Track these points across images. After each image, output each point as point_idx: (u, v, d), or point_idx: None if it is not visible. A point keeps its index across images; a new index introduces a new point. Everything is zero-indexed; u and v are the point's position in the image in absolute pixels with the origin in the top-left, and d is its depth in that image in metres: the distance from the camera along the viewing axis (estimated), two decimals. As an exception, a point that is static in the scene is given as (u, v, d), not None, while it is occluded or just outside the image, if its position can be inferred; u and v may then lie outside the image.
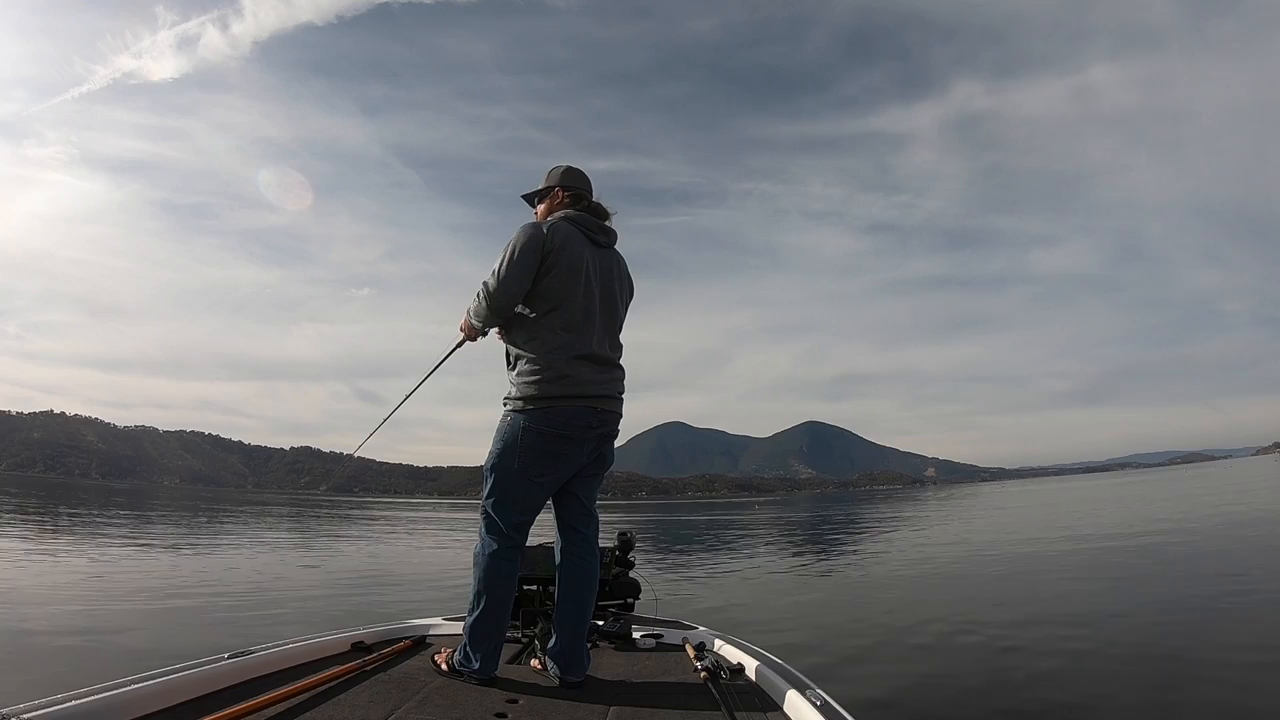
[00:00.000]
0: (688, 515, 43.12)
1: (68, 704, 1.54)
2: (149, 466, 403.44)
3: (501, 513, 2.24)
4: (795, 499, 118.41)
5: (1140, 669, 4.76)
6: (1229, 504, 21.73)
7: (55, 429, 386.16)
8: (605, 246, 2.44)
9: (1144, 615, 6.45)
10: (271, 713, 1.75)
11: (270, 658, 2.18)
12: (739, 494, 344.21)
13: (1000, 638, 5.76)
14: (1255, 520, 15.87)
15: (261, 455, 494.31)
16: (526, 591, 3.06)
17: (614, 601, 3.29)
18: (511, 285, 2.22)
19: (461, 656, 2.20)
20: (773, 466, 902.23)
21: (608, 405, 2.31)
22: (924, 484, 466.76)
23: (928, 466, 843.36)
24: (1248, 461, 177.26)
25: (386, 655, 2.43)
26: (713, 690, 2.06)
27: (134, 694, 1.69)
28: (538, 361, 2.21)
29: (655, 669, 2.46)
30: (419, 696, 2.00)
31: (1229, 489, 31.93)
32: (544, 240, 2.23)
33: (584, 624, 2.31)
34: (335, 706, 1.86)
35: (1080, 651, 5.19)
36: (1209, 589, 7.64)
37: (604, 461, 2.41)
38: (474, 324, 2.42)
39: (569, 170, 2.50)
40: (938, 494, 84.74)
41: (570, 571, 2.34)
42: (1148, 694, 4.27)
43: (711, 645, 2.67)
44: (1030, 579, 9.26)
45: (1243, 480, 41.87)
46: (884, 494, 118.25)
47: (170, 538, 17.21)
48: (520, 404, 2.22)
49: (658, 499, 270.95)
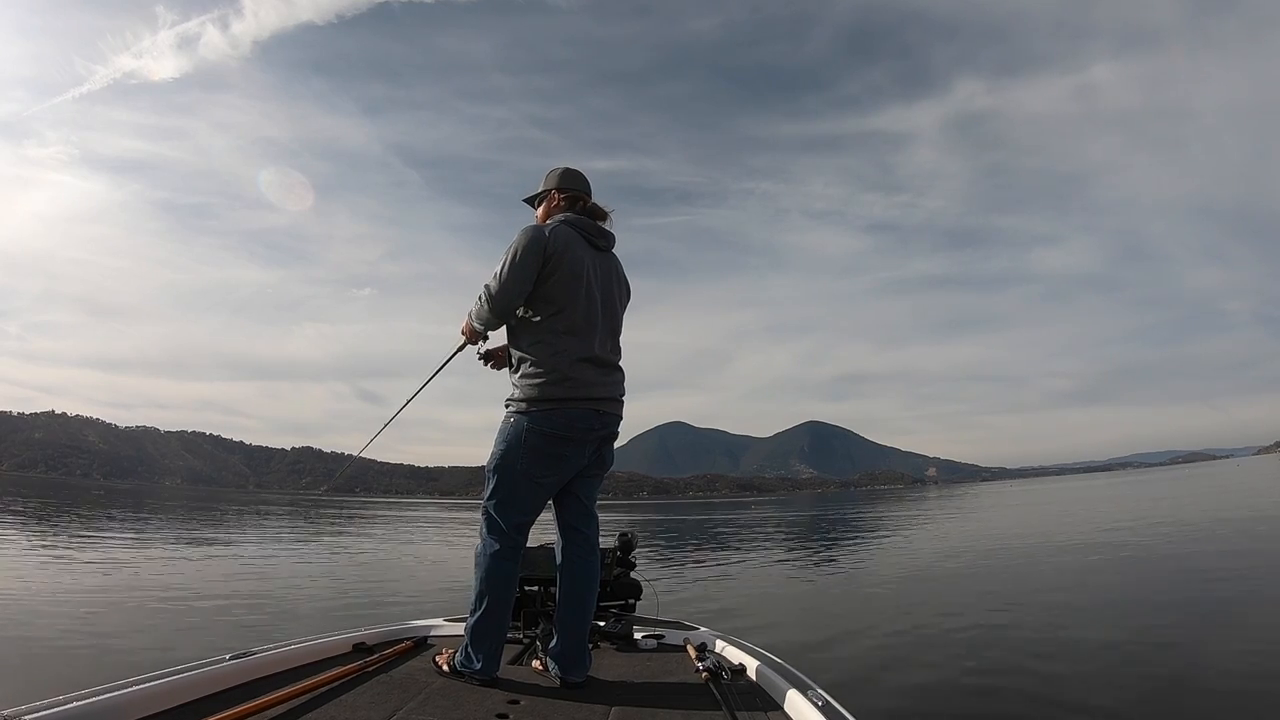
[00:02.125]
0: (688, 515, 43.11)
1: (70, 705, 1.54)
2: (150, 467, 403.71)
3: (503, 513, 2.25)
4: (796, 499, 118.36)
5: (1141, 669, 4.75)
6: (1229, 504, 21.70)
7: (56, 429, 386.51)
8: (604, 250, 2.45)
9: (1144, 615, 6.45)
10: (273, 714, 1.75)
11: (272, 659, 2.18)
12: (740, 494, 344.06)
13: (1001, 638, 5.77)
14: (1254, 520, 15.84)
15: (263, 455, 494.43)
16: (528, 592, 3.05)
17: (615, 602, 3.29)
18: (513, 288, 2.23)
19: (463, 657, 2.20)
20: (774, 466, 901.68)
21: (609, 407, 2.32)
22: (925, 484, 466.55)
23: (929, 466, 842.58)
24: (1249, 461, 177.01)
25: (388, 656, 2.43)
26: (714, 691, 2.06)
27: (136, 695, 1.69)
28: (542, 364, 2.22)
29: (656, 670, 2.46)
30: (420, 697, 2.00)
31: (1230, 489, 31.88)
32: (545, 243, 2.24)
33: (585, 625, 2.31)
34: (337, 707, 1.86)
35: (1081, 651, 5.19)
36: (1209, 589, 7.64)
37: (604, 462, 2.41)
38: (475, 327, 2.43)
39: (566, 172, 2.51)
40: (939, 494, 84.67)
41: (571, 572, 2.34)
42: (1148, 694, 4.26)
43: (713, 646, 2.67)
44: (1031, 579, 9.25)
45: (1243, 480, 41.82)
46: (885, 494, 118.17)
47: (172, 539, 17.22)
48: (524, 405, 2.22)
49: (659, 499, 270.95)
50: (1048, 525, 18.76)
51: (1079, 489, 55.95)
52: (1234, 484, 37.66)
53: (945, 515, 28.47)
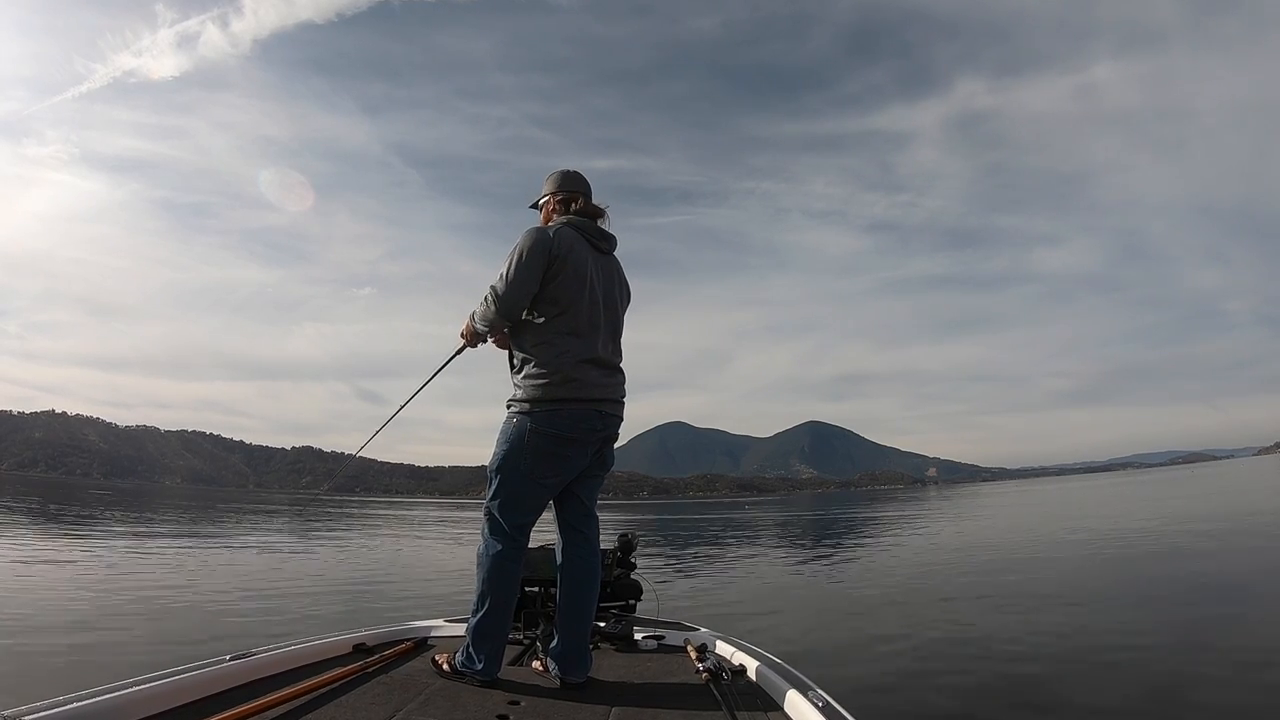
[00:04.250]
0: (688, 515, 43.12)
1: (70, 705, 1.54)
2: (150, 466, 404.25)
3: (506, 514, 2.25)
4: (796, 499, 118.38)
5: (1141, 669, 4.75)
6: (1230, 504, 21.70)
7: (57, 429, 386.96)
8: (606, 253, 2.47)
9: (1145, 615, 6.45)
10: (274, 714, 1.75)
11: (272, 659, 2.18)
12: (740, 494, 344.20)
13: (1001, 638, 5.76)
14: (1254, 520, 15.84)
15: (263, 455, 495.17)
16: (528, 593, 3.05)
17: (615, 603, 3.29)
18: (519, 289, 2.24)
19: (464, 658, 2.20)
20: (774, 466, 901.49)
21: (611, 409, 2.33)
22: (925, 484, 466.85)
23: (929, 466, 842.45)
24: (1249, 461, 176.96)
25: (388, 657, 2.43)
26: (714, 691, 2.06)
27: (136, 695, 1.69)
28: (545, 365, 2.23)
29: (657, 670, 2.46)
30: (421, 698, 2.00)
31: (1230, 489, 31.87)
32: (550, 245, 2.26)
33: (586, 625, 2.31)
34: (337, 708, 1.86)
35: (1081, 651, 5.19)
36: (1210, 589, 7.63)
37: (605, 463, 2.42)
38: (477, 328, 2.43)
39: (564, 176, 2.52)
40: (939, 494, 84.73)
41: (571, 573, 2.34)
42: (1149, 694, 4.26)
43: (713, 646, 2.67)
44: (1031, 579, 9.25)
45: (1244, 480, 41.81)
46: (885, 494, 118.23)
47: (172, 538, 17.23)
48: (527, 406, 2.23)
49: (659, 499, 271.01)
50: (1047, 525, 18.77)
51: (1079, 489, 55.97)
52: (1234, 484, 37.66)
53: (945, 516, 28.47)
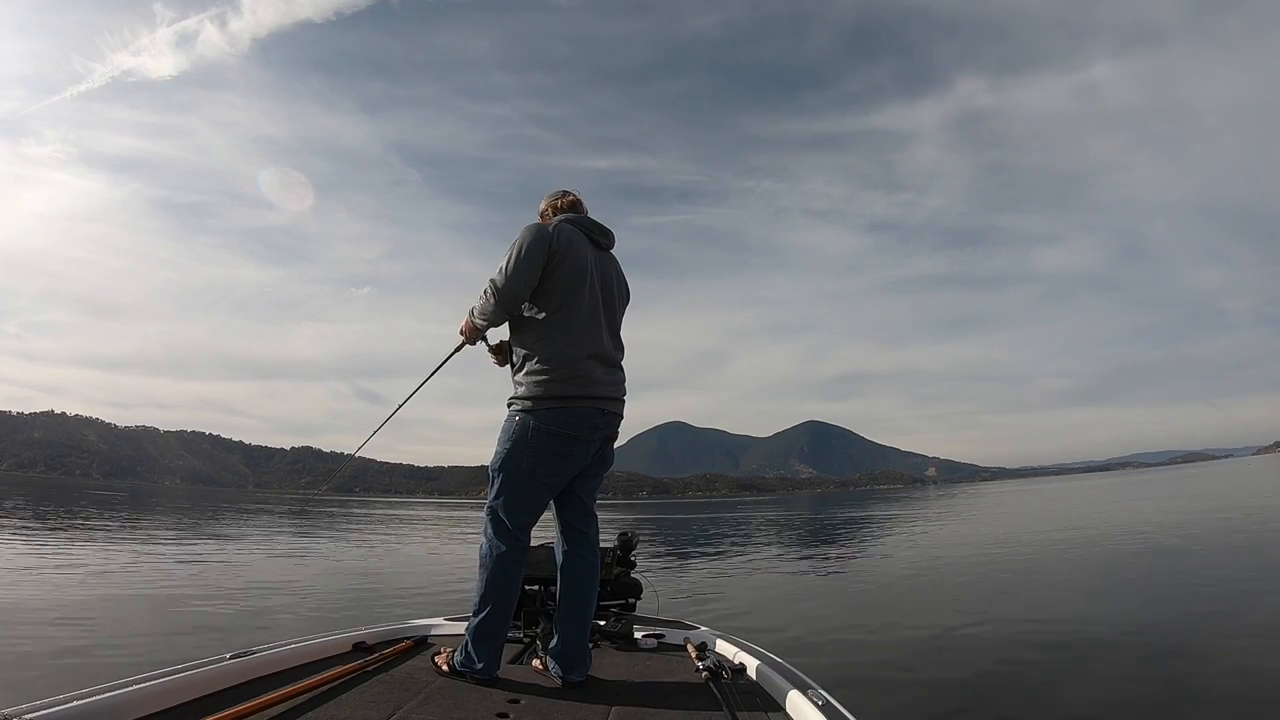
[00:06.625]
0: (688, 515, 43.10)
1: (70, 704, 1.54)
2: (150, 466, 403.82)
3: (509, 514, 2.24)
4: (795, 499, 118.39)
5: (1142, 668, 4.75)
6: (1229, 503, 21.70)
7: (56, 429, 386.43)
8: (605, 249, 2.48)
9: (1145, 615, 6.45)
10: (273, 713, 1.75)
11: (272, 658, 2.18)
12: (739, 494, 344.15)
13: (1002, 637, 5.77)
14: (1253, 520, 15.84)
15: (262, 455, 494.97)
16: (528, 591, 3.04)
17: (615, 601, 3.28)
18: (519, 283, 2.23)
19: (464, 657, 2.20)
20: (773, 466, 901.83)
21: (613, 407, 2.33)
22: (925, 484, 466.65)
23: (929, 466, 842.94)
24: (1249, 461, 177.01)
25: (388, 655, 2.43)
26: (714, 690, 2.06)
27: (136, 694, 1.69)
28: (548, 361, 2.22)
29: (657, 669, 2.46)
30: (420, 697, 2.00)
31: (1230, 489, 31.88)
32: (550, 239, 2.26)
33: (585, 624, 2.31)
34: (337, 707, 1.86)
35: (1081, 651, 5.19)
36: (1209, 589, 7.63)
37: (605, 461, 2.42)
38: (477, 324, 2.42)
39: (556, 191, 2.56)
40: (939, 494, 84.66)
41: (571, 571, 2.34)
42: (1149, 693, 4.26)
43: (713, 645, 2.67)
44: (1031, 579, 9.25)
45: (1242, 480, 41.82)
46: (885, 494, 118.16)
47: (172, 538, 17.22)
48: (529, 404, 2.22)
49: (658, 499, 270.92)
50: (1047, 525, 18.76)
51: (1078, 489, 55.98)
52: (1233, 484, 37.67)
53: (944, 515, 28.47)
